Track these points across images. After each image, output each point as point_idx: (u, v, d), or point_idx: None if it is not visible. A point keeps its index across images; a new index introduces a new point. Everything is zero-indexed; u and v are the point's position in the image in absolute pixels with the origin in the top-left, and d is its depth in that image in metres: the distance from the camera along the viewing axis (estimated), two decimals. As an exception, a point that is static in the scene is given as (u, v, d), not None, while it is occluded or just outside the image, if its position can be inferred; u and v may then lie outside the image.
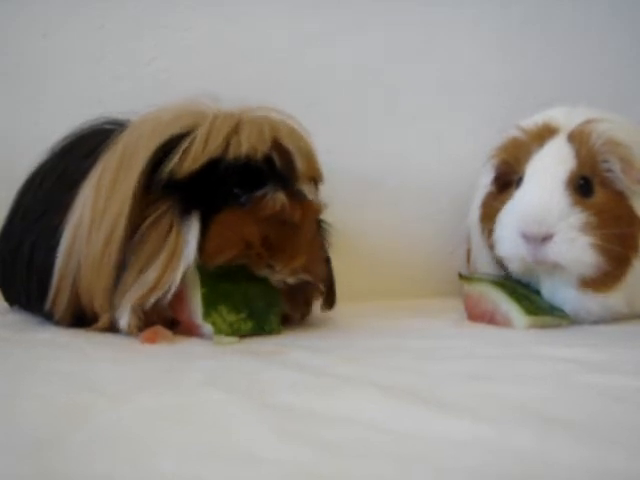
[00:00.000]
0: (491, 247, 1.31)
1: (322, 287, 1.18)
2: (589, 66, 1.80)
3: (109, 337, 1.07)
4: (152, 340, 1.03)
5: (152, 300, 1.04)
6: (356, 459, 0.58)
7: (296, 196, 1.10)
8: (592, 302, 1.23)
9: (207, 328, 1.06)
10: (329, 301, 1.22)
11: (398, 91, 1.69)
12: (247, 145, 1.07)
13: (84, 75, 1.53)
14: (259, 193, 1.08)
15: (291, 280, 1.10)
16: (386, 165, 1.66)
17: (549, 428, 0.65)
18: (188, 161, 1.06)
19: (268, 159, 1.09)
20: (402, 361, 0.95)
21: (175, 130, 1.08)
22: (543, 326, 1.21)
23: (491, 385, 0.81)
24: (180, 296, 1.07)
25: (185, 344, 1.04)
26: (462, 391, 0.78)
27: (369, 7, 1.67)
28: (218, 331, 1.05)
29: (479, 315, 1.28)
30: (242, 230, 1.07)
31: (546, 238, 1.19)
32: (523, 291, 1.27)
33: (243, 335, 1.07)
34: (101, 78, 1.53)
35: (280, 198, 1.07)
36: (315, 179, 1.16)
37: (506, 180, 1.32)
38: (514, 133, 1.33)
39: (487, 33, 1.76)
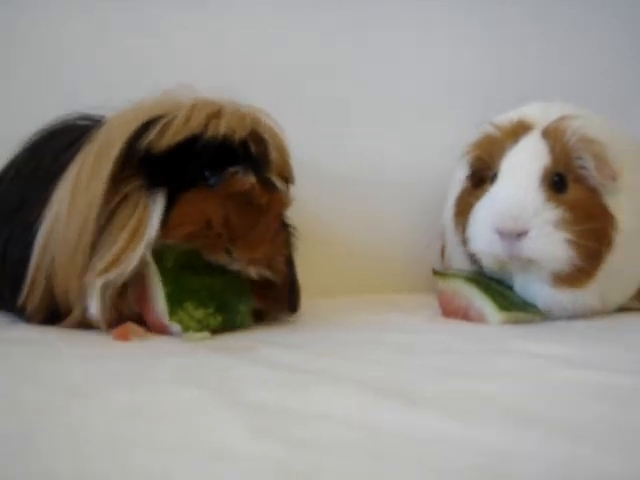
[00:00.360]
0: (465, 243, 1.31)
1: (284, 288, 1.16)
2: (567, 62, 1.81)
3: (81, 334, 1.06)
4: (124, 337, 1.03)
5: (113, 275, 1.03)
6: (330, 455, 0.58)
7: (267, 184, 1.10)
8: (565, 298, 1.24)
9: (175, 328, 1.05)
10: (291, 305, 1.20)
11: (375, 88, 1.69)
12: (226, 126, 1.07)
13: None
14: (232, 170, 1.07)
15: (252, 272, 1.09)
16: (363, 161, 1.66)
17: (522, 423, 0.65)
18: (167, 135, 1.06)
19: (244, 145, 1.09)
20: (377, 356, 0.95)
21: (154, 114, 1.08)
22: (516, 322, 1.21)
23: (465, 381, 0.81)
24: (144, 297, 1.07)
25: (157, 341, 1.03)
26: (436, 386, 0.78)
27: (348, 6, 1.67)
28: (186, 328, 1.04)
29: (453, 311, 1.28)
30: (205, 208, 1.07)
31: (521, 234, 1.20)
32: (497, 287, 1.27)
33: (214, 330, 1.06)
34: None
35: (250, 178, 1.08)
36: (287, 179, 1.16)
37: (480, 176, 1.32)
38: (488, 129, 1.33)
39: (464, 30, 1.76)
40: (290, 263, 1.19)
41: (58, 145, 1.18)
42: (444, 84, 1.73)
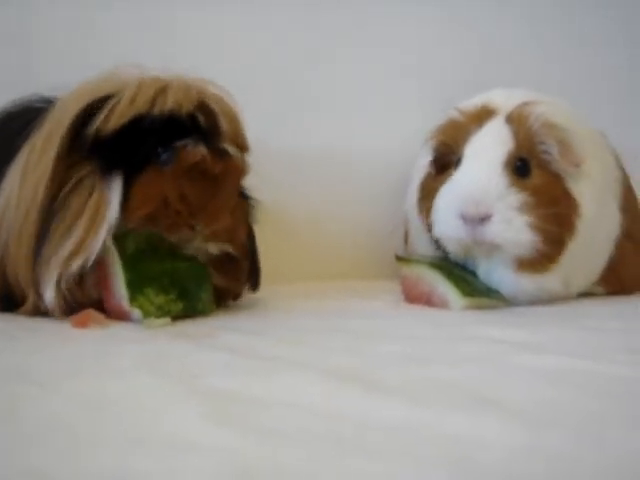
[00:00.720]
0: (429, 228, 1.31)
1: (245, 263, 1.16)
2: (534, 49, 1.81)
3: (38, 321, 1.04)
4: (83, 324, 1.01)
5: (76, 265, 1.02)
6: (292, 443, 0.57)
7: (220, 154, 1.09)
8: (528, 283, 1.24)
9: (136, 313, 1.03)
10: (253, 281, 1.20)
11: (341, 73, 1.68)
12: (172, 101, 1.06)
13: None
14: (179, 144, 1.06)
15: (213, 249, 1.08)
16: (326, 146, 1.65)
17: (484, 409, 0.65)
18: (114, 117, 1.04)
19: (192, 118, 1.08)
20: (339, 342, 0.95)
21: (100, 93, 1.07)
22: (480, 307, 1.22)
23: (428, 367, 0.81)
24: (105, 283, 1.05)
25: (117, 328, 1.01)
26: (399, 373, 0.78)
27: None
28: (147, 314, 1.03)
29: (416, 297, 1.28)
30: (160, 186, 1.06)
31: (484, 218, 1.20)
32: (460, 273, 1.27)
33: (174, 316, 1.05)
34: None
35: (201, 150, 1.06)
36: (240, 146, 1.14)
37: (444, 162, 1.32)
38: (452, 115, 1.33)
39: (432, 16, 1.76)
40: (251, 237, 1.19)
41: (14, 127, 1.15)
42: (411, 70, 1.73)
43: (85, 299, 1.05)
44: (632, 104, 1.88)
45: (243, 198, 1.17)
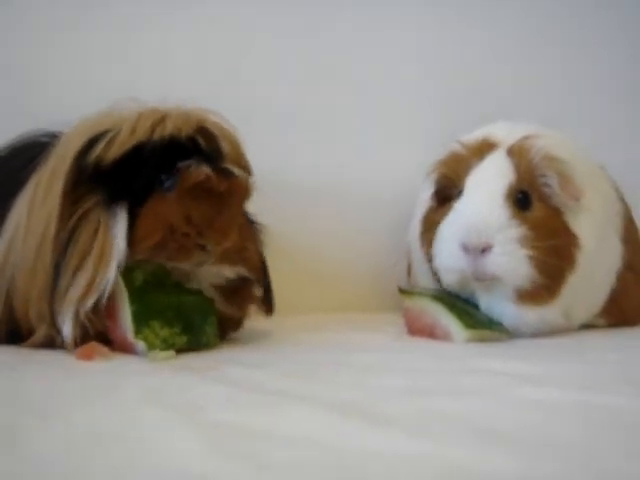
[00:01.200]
0: (430, 261, 1.31)
1: (258, 287, 1.16)
2: (533, 81, 1.82)
3: (44, 353, 1.05)
4: (88, 357, 1.01)
5: (89, 302, 1.02)
6: (296, 476, 0.57)
7: (223, 173, 1.08)
8: (529, 315, 1.24)
9: (140, 346, 1.03)
10: (267, 304, 1.20)
11: (344, 106, 1.70)
12: (172, 127, 1.06)
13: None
14: (182, 165, 1.06)
15: (229, 273, 1.08)
16: (329, 178, 1.66)
17: (486, 441, 0.65)
18: (115, 147, 1.05)
19: (193, 141, 1.08)
20: (342, 376, 0.95)
21: (101, 128, 1.07)
22: (482, 340, 1.22)
23: (430, 399, 0.81)
24: (111, 314, 1.06)
25: (121, 360, 1.02)
26: (402, 405, 0.78)
27: (309, 19, 1.68)
28: (151, 347, 1.03)
29: (419, 329, 1.28)
30: (164, 213, 1.05)
31: (485, 249, 1.20)
32: (462, 305, 1.28)
33: (179, 349, 1.05)
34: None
35: (204, 169, 1.06)
36: (244, 168, 1.13)
37: (446, 194, 1.33)
38: (454, 147, 1.34)
39: (433, 50, 1.77)
40: (263, 260, 1.18)
41: (19, 162, 1.16)
42: (412, 103, 1.74)
43: (101, 327, 1.06)
44: (632, 136, 1.89)
45: (250, 222, 1.17)
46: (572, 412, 0.76)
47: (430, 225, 1.34)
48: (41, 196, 1.07)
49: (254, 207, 1.19)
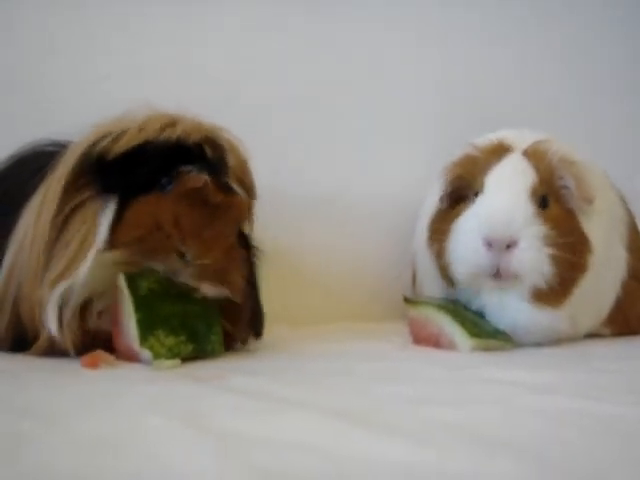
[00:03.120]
0: (441, 268, 1.31)
1: (246, 310, 1.14)
2: (535, 89, 1.83)
3: (49, 361, 1.05)
4: (93, 365, 1.01)
5: (62, 286, 1.01)
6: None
7: (223, 186, 1.07)
8: (542, 316, 1.24)
9: (145, 354, 1.03)
10: (255, 328, 1.18)
11: (344, 115, 1.70)
12: (181, 131, 1.05)
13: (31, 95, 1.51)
14: (185, 169, 1.05)
15: (207, 290, 1.06)
16: (332, 189, 1.66)
17: (490, 450, 0.65)
18: (122, 142, 1.04)
19: (200, 149, 1.07)
20: (347, 384, 0.95)
21: (113, 128, 1.07)
22: (487, 349, 1.22)
23: (435, 408, 0.81)
24: (116, 322, 1.06)
25: (127, 369, 1.02)
26: (407, 415, 0.78)
27: (313, 33, 1.69)
28: (157, 355, 1.03)
29: (424, 338, 1.28)
30: (155, 210, 1.04)
31: (510, 245, 1.19)
32: (468, 314, 1.28)
33: (184, 358, 1.05)
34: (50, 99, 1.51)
35: (203, 177, 1.05)
36: (247, 189, 1.12)
37: (458, 195, 1.31)
38: (467, 150, 1.33)
39: (437, 52, 1.78)
40: (253, 285, 1.17)
41: (27, 172, 1.16)
42: (414, 115, 1.75)
43: (92, 328, 1.06)
44: (635, 144, 1.89)
45: (246, 246, 1.15)
46: (576, 421, 0.76)
47: (439, 230, 1.32)
48: (48, 203, 1.06)
49: (260, 221, 1.19)
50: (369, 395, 0.88)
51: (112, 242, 1.03)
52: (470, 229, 1.23)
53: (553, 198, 1.25)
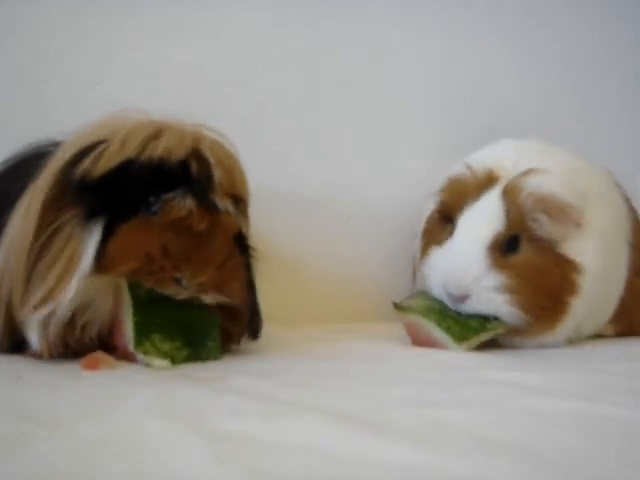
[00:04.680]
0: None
1: (244, 313, 1.14)
2: (537, 88, 1.83)
3: (48, 363, 1.04)
4: (93, 366, 1.01)
5: (44, 312, 1.00)
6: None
7: (208, 207, 1.05)
8: (532, 343, 1.27)
9: (141, 356, 1.04)
10: (252, 330, 1.18)
11: (346, 114, 1.70)
12: (163, 148, 1.03)
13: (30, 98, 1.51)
14: (167, 197, 1.03)
15: (207, 299, 1.06)
16: (333, 188, 1.66)
17: (490, 452, 0.65)
18: (102, 161, 1.02)
19: (184, 165, 1.05)
20: (346, 386, 0.95)
21: (94, 138, 1.05)
22: (479, 343, 1.24)
23: (435, 409, 0.81)
24: (117, 321, 1.06)
25: (126, 370, 1.02)
26: (406, 416, 0.78)
27: (312, 34, 1.68)
28: (150, 360, 1.03)
29: (422, 341, 1.28)
30: (143, 240, 1.03)
31: (464, 298, 1.24)
32: (453, 315, 1.27)
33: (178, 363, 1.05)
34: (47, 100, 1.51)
35: (188, 203, 1.03)
36: (237, 198, 1.11)
37: (447, 216, 1.34)
38: (462, 172, 1.33)
39: (436, 54, 1.77)
40: (251, 286, 1.16)
41: (26, 172, 1.14)
42: (416, 116, 1.74)
43: (74, 345, 1.05)
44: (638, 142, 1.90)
45: (242, 249, 1.14)
46: (577, 423, 0.77)
47: (429, 240, 1.37)
48: (33, 205, 1.05)
49: (259, 221, 1.19)
50: (369, 396, 0.88)
51: (99, 268, 1.02)
52: (434, 275, 1.30)
53: (527, 237, 1.25)
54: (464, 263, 1.24)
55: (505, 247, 1.24)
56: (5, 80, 1.50)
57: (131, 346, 1.04)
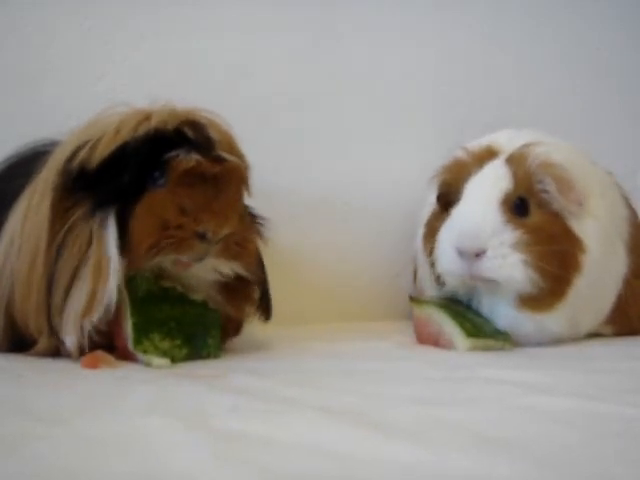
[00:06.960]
0: (432, 265, 1.32)
1: (256, 288, 1.14)
2: (536, 86, 1.83)
3: (49, 361, 1.05)
4: (93, 365, 1.01)
5: (95, 317, 1.00)
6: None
7: (214, 159, 1.04)
8: (529, 322, 1.25)
9: (141, 356, 1.04)
10: (264, 308, 1.17)
11: (346, 111, 1.69)
12: (157, 121, 1.03)
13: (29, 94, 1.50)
14: (170, 155, 1.01)
15: (225, 268, 1.05)
16: (333, 186, 1.66)
17: (490, 450, 0.65)
18: (99, 149, 1.02)
19: (181, 133, 1.04)
20: (347, 384, 0.95)
21: (86, 137, 1.05)
22: (485, 348, 1.22)
23: (435, 407, 0.81)
24: (117, 321, 1.05)
25: (127, 369, 1.02)
26: (407, 414, 0.78)
27: (319, 26, 1.68)
28: (149, 359, 1.03)
29: (426, 337, 1.28)
30: (155, 212, 1.02)
31: (479, 254, 1.21)
32: (467, 314, 1.28)
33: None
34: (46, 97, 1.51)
35: (193, 156, 1.02)
36: (238, 156, 1.09)
37: (448, 200, 1.33)
38: (458, 154, 1.35)
39: (436, 53, 1.77)
40: (260, 262, 1.16)
41: (24, 172, 1.15)
42: (415, 114, 1.74)
43: (99, 340, 1.05)
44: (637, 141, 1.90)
45: (250, 215, 1.13)
46: (577, 421, 0.76)
47: (432, 230, 1.35)
48: (34, 205, 1.05)
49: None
50: (370, 394, 0.88)
51: (127, 259, 1.02)
52: (445, 239, 1.27)
53: (535, 202, 1.25)
54: (479, 218, 1.23)
55: (515, 210, 1.24)
56: (5, 80, 1.49)
57: (130, 345, 1.04)
